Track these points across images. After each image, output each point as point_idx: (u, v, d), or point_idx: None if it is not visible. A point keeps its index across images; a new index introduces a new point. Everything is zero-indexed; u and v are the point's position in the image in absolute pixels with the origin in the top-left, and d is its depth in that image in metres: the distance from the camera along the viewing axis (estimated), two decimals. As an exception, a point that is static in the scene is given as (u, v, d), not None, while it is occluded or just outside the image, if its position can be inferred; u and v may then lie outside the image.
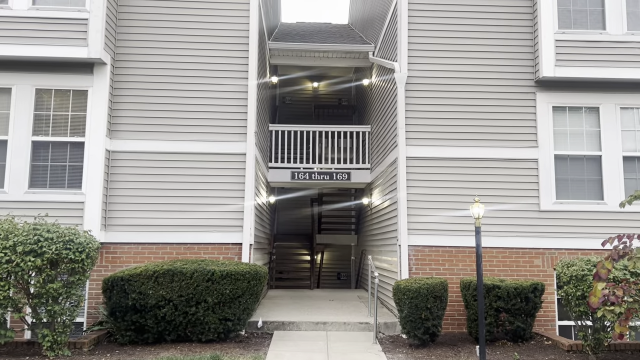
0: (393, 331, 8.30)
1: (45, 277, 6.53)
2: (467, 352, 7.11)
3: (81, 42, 8.38)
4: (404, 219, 8.67)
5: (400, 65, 9.07)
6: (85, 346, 6.96)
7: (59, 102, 8.63)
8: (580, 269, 6.92)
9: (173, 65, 9.03)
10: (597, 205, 8.83)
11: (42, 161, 8.51)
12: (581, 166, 9.00)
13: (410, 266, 8.64)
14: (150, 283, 7.18)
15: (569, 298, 7.02)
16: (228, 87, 9.02)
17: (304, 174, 12.58)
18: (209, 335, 7.32)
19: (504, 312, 7.62)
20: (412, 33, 9.18)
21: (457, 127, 9.01)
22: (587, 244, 8.60)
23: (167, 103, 8.94)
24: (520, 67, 9.16)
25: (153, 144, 8.84)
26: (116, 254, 8.58)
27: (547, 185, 8.84)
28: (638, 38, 8.94)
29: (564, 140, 9.04)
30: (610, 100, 9.07)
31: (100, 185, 8.42)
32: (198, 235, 8.68)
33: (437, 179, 8.86)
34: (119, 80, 8.94)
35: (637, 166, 8.99)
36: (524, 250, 8.77)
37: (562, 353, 7.16)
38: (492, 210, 8.61)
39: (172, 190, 8.75)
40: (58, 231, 6.72)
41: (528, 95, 9.09)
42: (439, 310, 7.28)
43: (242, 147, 8.89)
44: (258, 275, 7.54)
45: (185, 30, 9.13)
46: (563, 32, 8.93)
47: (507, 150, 8.96)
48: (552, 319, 8.61)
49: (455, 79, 9.12)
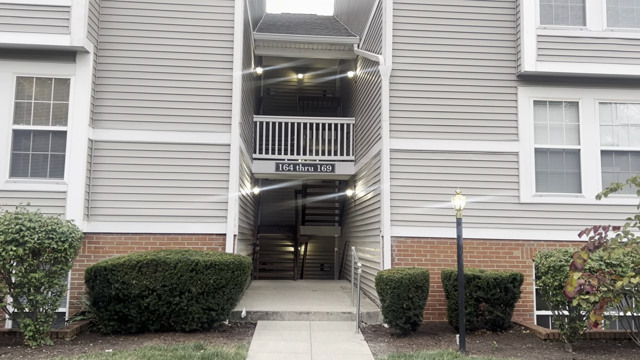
0: (375, 321, 8.42)
1: (27, 266, 6.49)
2: (448, 341, 7.25)
3: (63, 30, 8.28)
4: (387, 211, 8.76)
5: (384, 58, 9.13)
6: (68, 336, 6.95)
7: (40, 91, 8.52)
8: (558, 260, 7.09)
9: (157, 55, 8.98)
10: (576, 198, 9.02)
11: (24, 150, 8.41)
12: (560, 160, 9.18)
13: (392, 257, 8.75)
14: (134, 273, 7.18)
15: (547, 288, 7.19)
16: (213, 78, 9.00)
17: (289, 165, 12.61)
18: (193, 325, 7.35)
19: (483, 302, 7.77)
20: (397, 26, 9.24)
21: (440, 120, 9.12)
22: (565, 235, 8.80)
23: (151, 93, 8.90)
24: (502, 61, 9.29)
25: (137, 134, 8.79)
26: (99, 244, 8.54)
27: (527, 178, 9.00)
28: (617, 34, 9.11)
29: (544, 134, 9.20)
30: (589, 95, 9.25)
31: (83, 175, 8.36)
32: (182, 225, 8.68)
33: (420, 172, 8.97)
34: (102, 69, 8.86)
35: (614, 160, 9.20)
36: (504, 242, 8.94)
37: (539, 342, 7.34)
38: (473, 202, 8.76)
39: (155, 181, 8.72)
40: (40, 220, 6.68)
41: (510, 90, 9.22)
42: (421, 300, 7.40)
43: (226, 137, 8.89)
44: (242, 265, 7.58)
45: (170, 19, 9.07)
46: (544, 28, 9.07)
47: (488, 144, 9.10)
48: (530, 309, 8.80)
49: (439, 72, 9.21)
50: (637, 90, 9.26)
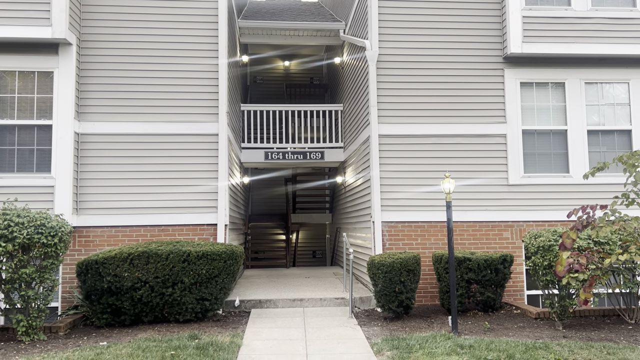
0: (368, 305, 8.48)
1: (17, 262, 6.45)
2: (440, 323, 7.33)
3: (44, 22, 8.14)
4: (377, 196, 8.79)
5: (371, 43, 9.10)
6: (61, 330, 6.93)
7: (23, 85, 8.40)
8: (547, 240, 7.17)
9: (141, 45, 8.87)
10: (563, 178, 9.11)
11: (9, 145, 8.31)
12: (548, 140, 9.24)
13: (384, 242, 8.79)
14: (126, 265, 7.16)
15: (537, 268, 7.28)
16: (198, 67, 8.91)
17: (278, 153, 12.59)
18: (187, 316, 7.36)
19: (474, 284, 7.86)
20: (383, 10, 9.19)
21: (428, 105, 9.12)
22: (554, 215, 8.88)
23: (136, 84, 8.81)
24: (489, 43, 9.29)
25: (123, 126, 8.71)
26: (89, 238, 8.50)
27: (515, 160, 9.06)
28: (602, 14, 9.14)
29: (531, 116, 9.25)
30: (575, 75, 9.29)
31: (70, 169, 8.28)
32: (172, 217, 8.65)
33: (409, 156, 8.99)
34: (85, 61, 8.74)
35: (600, 139, 9.28)
36: (493, 224, 9.02)
37: (530, 321, 7.45)
38: (463, 185, 8.81)
39: (144, 172, 8.66)
40: (29, 216, 6.62)
41: (496, 72, 9.24)
42: (412, 284, 7.46)
43: (214, 127, 8.84)
44: (234, 254, 7.58)
45: (153, 9, 8.94)
46: (530, 9, 9.07)
47: (476, 127, 9.13)
48: (521, 289, 8.91)
49: (425, 56, 9.20)
50: (623, 70, 9.32)
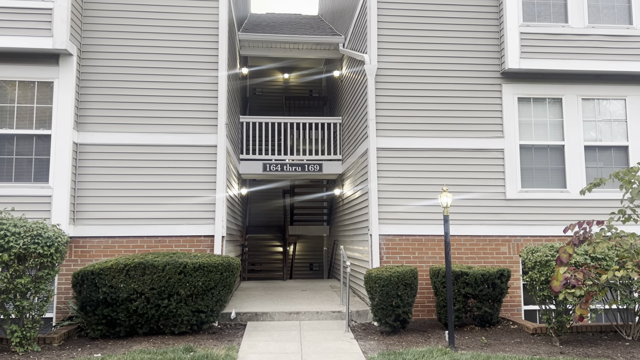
0: (365, 319, 8.45)
1: (13, 272, 6.42)
2: (437, 338, 7.30)
3: (46, 33, 8.19)
4: (375, 209, 8.80)
5: (370, 57, 9.16)
6: (56, 341, 6.88)
7: (23, 94, 8.43)
8: (544, 255, 7.17)
9: (142, 57, 8.92)
10: (561, 193, 9.13)
11: (7, 154, 8.31)
12: (545, 155, 9.28)
13: (381, 255, 8.78)
14: (122, 276, 7.13)
15: (534, 283, 7.27)
16: (198, 79, 8.96)
17: (276, 165, 12.60)
18: (182, 328, 7.32)
19: (472, 298, 7.84)
20: (382, 25, 9.27)
21: (426, 119, 9.17)
22: (551, 230, 8.90)
23: (136, 95, 8.84)
24: (487, 59, 9.36)
25: (122, 136, 8.73)
26: (86, 248, 8.47)
27: (513, 174, 9.09)
28: (598, 31, 9.23)
29: (528, 131, 9.30)
30: (572, 91, 9.36)
31: (68, 179, 8.29)
32: (169, 228, 8.63)
33: (407, 169, 9.01)
34: (86, 71, 8.78)
35: (597, 155, 9.32)
36: (490, 238, 9.01)
37: (527, 336, 7.42)
38: (460, 199, 8.83)
39: (142, 183, 8.67)
40: (25, 225, 6.61)
41: (494, 87, 9.31)
42: (409, 298, 7.44)
43: (213, 138, 8.86)
44: (231, 266, 7.56)
45: (154, 20, 9.01)
46: (527, 25, 9.16)
47: (474, 141, 9.17)
48: (518, 304, 8.89)
49: (424, 70, 9.27)
50: (619, 86, 9.39)
